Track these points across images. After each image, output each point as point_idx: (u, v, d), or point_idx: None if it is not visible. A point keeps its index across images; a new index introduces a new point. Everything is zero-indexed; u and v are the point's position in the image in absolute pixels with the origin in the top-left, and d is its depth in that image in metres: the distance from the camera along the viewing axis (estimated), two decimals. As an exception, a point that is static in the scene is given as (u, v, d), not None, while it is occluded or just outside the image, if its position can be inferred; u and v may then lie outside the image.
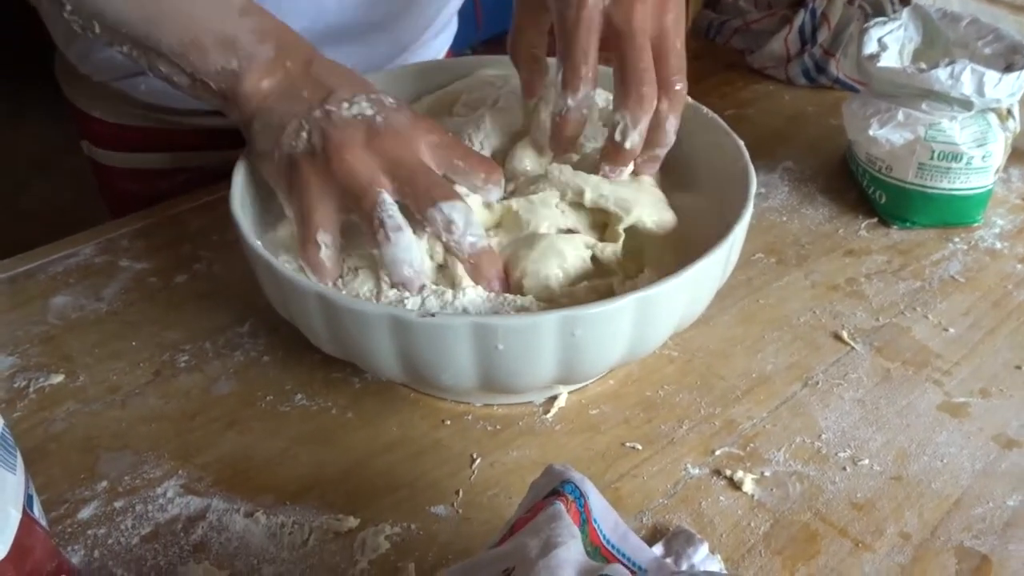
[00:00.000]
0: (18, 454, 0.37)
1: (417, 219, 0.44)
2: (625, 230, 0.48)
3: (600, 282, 0.46)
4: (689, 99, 0.55)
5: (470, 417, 0.48)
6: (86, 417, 0.48)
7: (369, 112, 0.44)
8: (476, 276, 0.44)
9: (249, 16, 0.46)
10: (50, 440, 0.46)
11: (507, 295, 0.45)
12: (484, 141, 0.52)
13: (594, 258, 0.48)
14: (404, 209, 0.44)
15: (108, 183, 0.76)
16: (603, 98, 0.54)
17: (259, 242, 0.45)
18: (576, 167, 0.50)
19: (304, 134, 0.44)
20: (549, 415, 0.48)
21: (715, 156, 0.53)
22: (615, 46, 0.45)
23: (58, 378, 0.50)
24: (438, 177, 0.44)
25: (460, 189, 0.46)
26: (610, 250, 0.47)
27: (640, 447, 0.46)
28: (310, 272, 0.45)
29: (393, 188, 0.43)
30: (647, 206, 0.48)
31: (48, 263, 0.59)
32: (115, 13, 0.45)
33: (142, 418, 0.48)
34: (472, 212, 0.44)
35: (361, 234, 0.44)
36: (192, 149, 0.72)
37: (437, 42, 0.78)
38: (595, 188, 0.48)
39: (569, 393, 0.50)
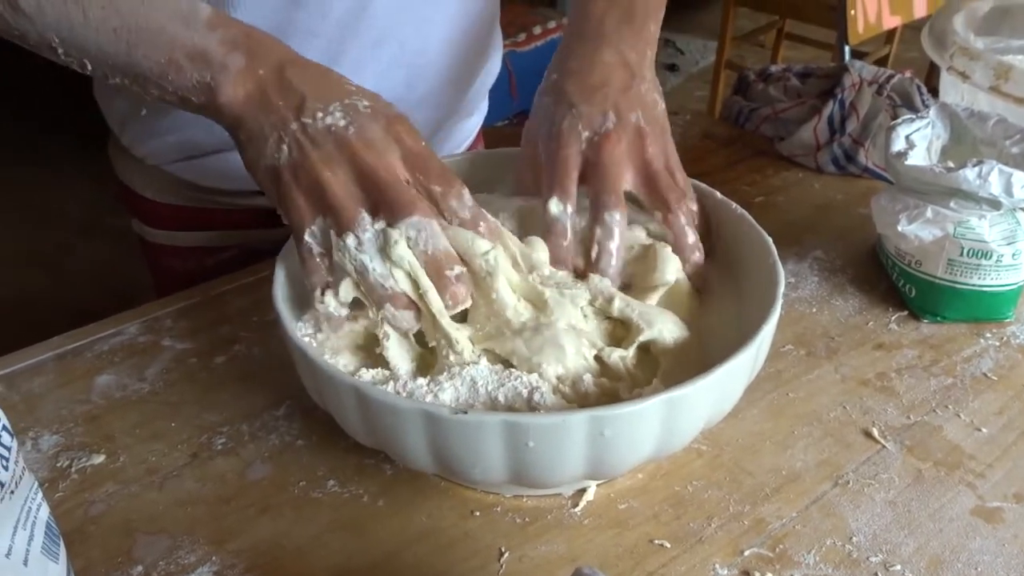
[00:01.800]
0: (61, 542, 0.38)
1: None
2: (641, 345, 0.48)
3: (605, 381, 0.47)
4: (717, 194, 0.57)
5: (499, 509, 0.49)
6: (125, 499, 0.49)
7: (342, 123, 0.46)
8: (436, 281, 0.45)
9: (217, 29, 0.48)
10: (89, 522, 0.48)
11: (514, 371, 0.46)
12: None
13: (601, 361, 0.48)
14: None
15: (155, 260, 0.79)
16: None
17: (299, 333, 0.47)
18: None
19: (284, 147, 0.46)
20: (578, 508, 0.49)
21: (744, 251, 0.54)
22: (590, 179, 0.52)
23: (99, 458, 0.52)
24: (405, 191, 0.46)
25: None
26: (617, 355, 0.48)
27: (668, 544, 0.46)
28: (305, 274, 0.47)
29: (367, 204, 0.45)
30: (669, 323, 0.49)
31: (95, 341, 0.61)
32: (97, 47, 0.47)
33: (179, 501, 0.49)
34: (435, 226, 0.45)
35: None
36: (238, 227, 0.75)
37: (469, 123, 0.81)
38: (624, 300, 0.49)
39: (598, 486, 0.50)
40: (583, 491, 0.49)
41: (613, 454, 0.42)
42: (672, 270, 0.52)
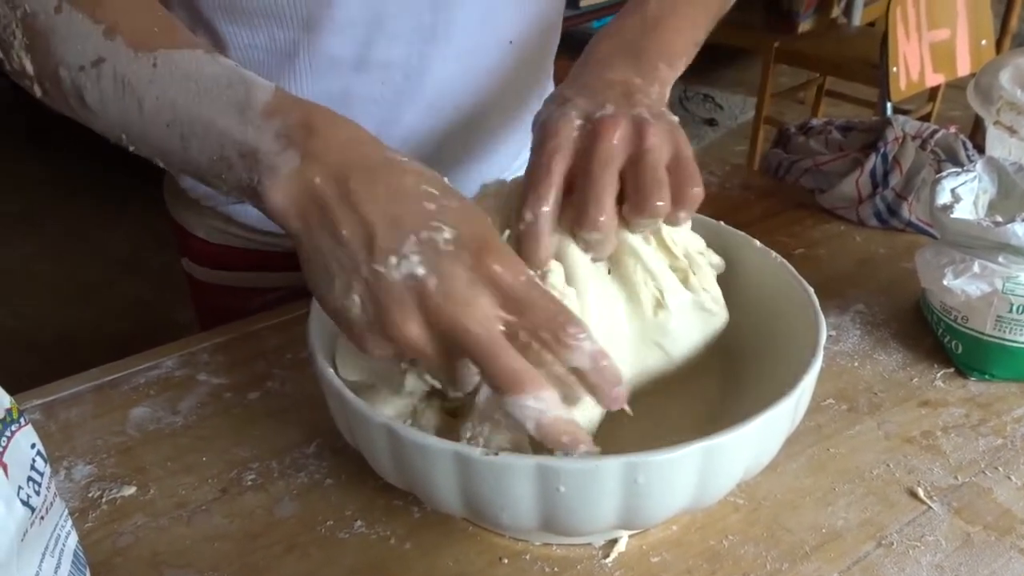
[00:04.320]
0: (87, 573, 0.38)
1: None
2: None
3: None
4: (757, 243, 0.56)
5: (528, 556, 0.47)
6: (153, 532, 0.49)
7: (420, 271, 0.38)
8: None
9: (274, 118, 0.41)
10: (116, 554, 0.47)
11: None
12: None
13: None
14: None
15: (202, 298, 0.80)
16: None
17: (332, 370, 0.47)
18: None
19: (356, 297, 0.39)
20: (608, 560, 0.47)
21: (784, 302, 0.53)
22: (630, 168, 0.45)
23: (130, 490, 0.52)
24: (507, 359, 0.38)
25: None
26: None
27: (702, 601, 0.45)
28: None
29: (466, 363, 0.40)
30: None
31: (132, 374, 0.62)
32: (157, 141, 0.44)
33: (206, 536, 0.49)
34: (549, 401, 0.39)
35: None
36: (287, 269, 0.76)
37: (515, 167, 0.82)
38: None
39: (630, 537, 0.48)
40: (614, 541, 0.48)
41: (647, 503, 0.41)
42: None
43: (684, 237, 0.52)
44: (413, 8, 0.61)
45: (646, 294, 0.48)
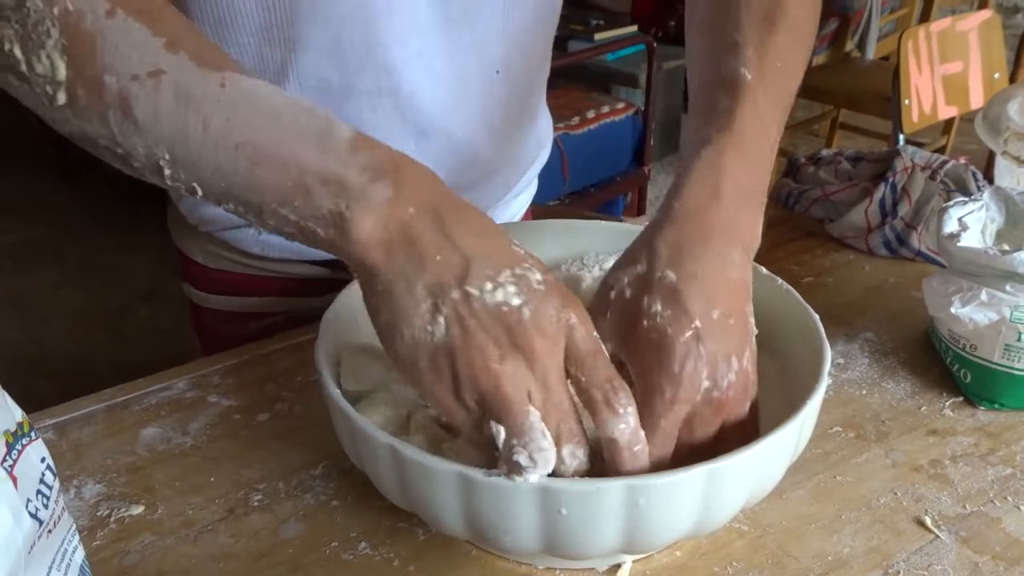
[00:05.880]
0: (93, 587, 0.38)
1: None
2: None
3: None
4: (763, 269, 0.57)
5: (531, 580, 0.47)
6: (160, 551, 0.49)
7: (516, 302, 0.39)
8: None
9: (360, 152, 0.41)
10: (123, 572, 0.48)
11: None
12: None
13: None
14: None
15: (203, 322, 0.81)
16: None
17: (338, 390, 0.47)
18: None
19: (441, 320, 0.39)
20: (612, 585, 0.47)
21: (789, 328, 0.53)
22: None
23: (138, 509, 0.52)
24: (568, 414, 0.41)
25: None
26: None
27: (706, 628, 0.45)
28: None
29: (538, 400, 0.41)
30: None
31: (143, 395, 0.62)
32: (214, 165, 0.41)
33: (211, 556, 0.49)
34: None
35: None
36: (283, 295, 0.77)
37: (518, 202, 0.83)
38: None
39: (634, 562, 0.48)
40: (618, 566, 0.48)
41: (649, 526, 0.41)
42: None
43: None
44: (399, 34, 0.62)
45: None
